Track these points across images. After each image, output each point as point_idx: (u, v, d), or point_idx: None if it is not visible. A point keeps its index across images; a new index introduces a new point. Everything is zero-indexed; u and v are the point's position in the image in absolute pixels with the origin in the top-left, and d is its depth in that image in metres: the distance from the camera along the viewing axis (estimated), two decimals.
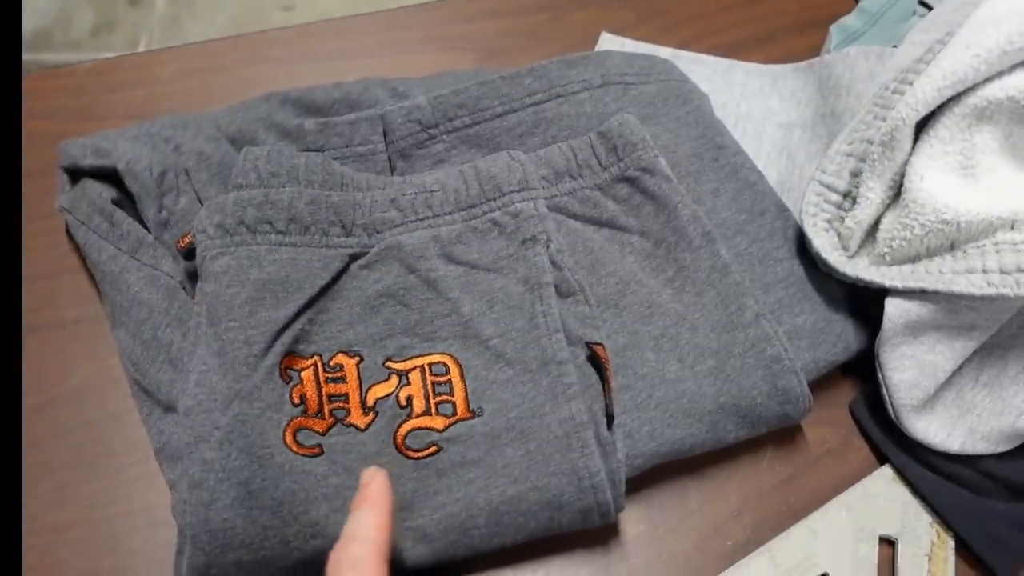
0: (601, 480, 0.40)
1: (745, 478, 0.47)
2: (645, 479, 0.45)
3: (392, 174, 0.50)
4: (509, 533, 0.41)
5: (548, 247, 0.45)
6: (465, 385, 0.43)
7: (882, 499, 0.46)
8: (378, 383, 0.42)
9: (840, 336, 0.47)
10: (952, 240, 0.44)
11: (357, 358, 0.43)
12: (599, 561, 0.44)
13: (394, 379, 0.43)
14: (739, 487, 0.46)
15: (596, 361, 0.43)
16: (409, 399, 0.42)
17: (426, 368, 0.43)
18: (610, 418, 0.42)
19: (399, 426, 0.42)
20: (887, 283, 0.45)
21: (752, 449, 0.47)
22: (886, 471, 0.47)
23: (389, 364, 0.43)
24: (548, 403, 0.42)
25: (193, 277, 0.45)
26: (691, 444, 0.44)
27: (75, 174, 0.49)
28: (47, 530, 0.42)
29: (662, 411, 0.44)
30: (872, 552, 0.44)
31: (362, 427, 0.42)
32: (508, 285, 0.44)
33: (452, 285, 0.44)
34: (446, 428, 0.42)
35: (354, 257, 0.44)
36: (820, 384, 0.48)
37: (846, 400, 0.49)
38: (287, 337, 0.42)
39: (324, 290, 0.43)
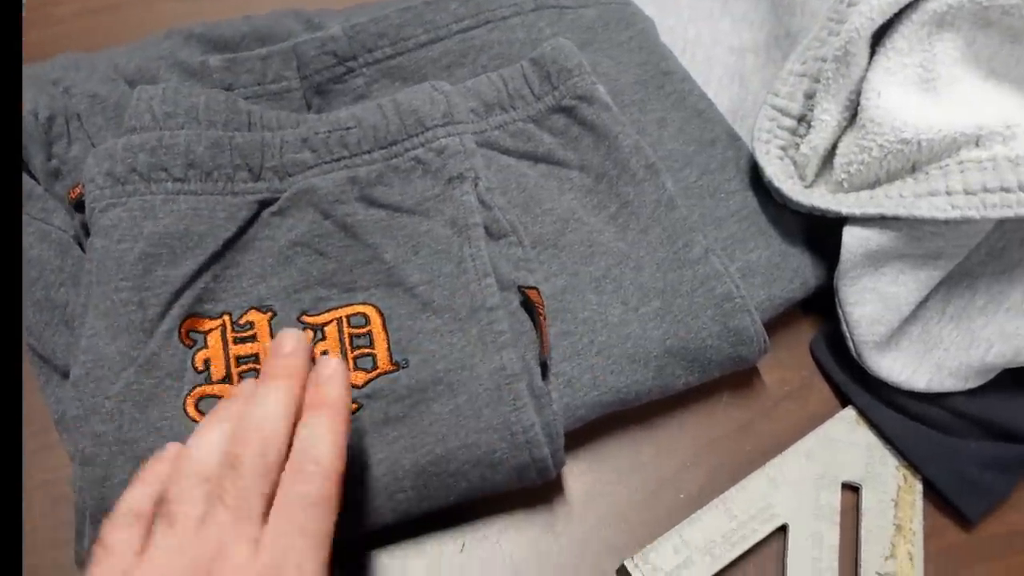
0: (536, 434, 0.37)
1: (699, 426, 0.44)
2: (590, 431, 0.42)
3: (309, 113, 0.46)
4: (439, 496, 0.38)
5: (476, 185, 0.41)
6: (387, 336, 0.39)
7: (845, 443, 0.43)
8: None
9: (797, 271, 0.44)
10: (913, 161, 0.40)
11: (269, 314, 0.39)
12: (542, 520, 0.41)
13: (308, 334, 0.39)
14: (692, 436, 0.43)
15: (530, 306, 0.40)
16: (324, 355, 0.38)
17: (343, 320, 0.39)
18: (544, 367, 0.39)
19: None
20: (844, 211, 0.41)
21: (706, 395, 0.44)
22: (848, 413, 0.44)
23: (304, 318, 0.39)
24: (478, 353, 0.38)
25: (88, 231, 0.41)
26: (637, 391, 0.41)
27: None
28: None
29: (604, 357, 0.40)
30: (835, 499, 0.41)
31: None
32: (434, 228, 0.41)
33: (372, 230, 0.41)
34: (366, 383, 0.38)
35: (264, 204, 0.40)
36: (777, 323, 0.45)
37: (806, 340, 0.46)
38: (187, 298, 0.38)
39: (230, 242, 0.40)
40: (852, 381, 0.44)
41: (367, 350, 0.39)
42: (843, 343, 0.43)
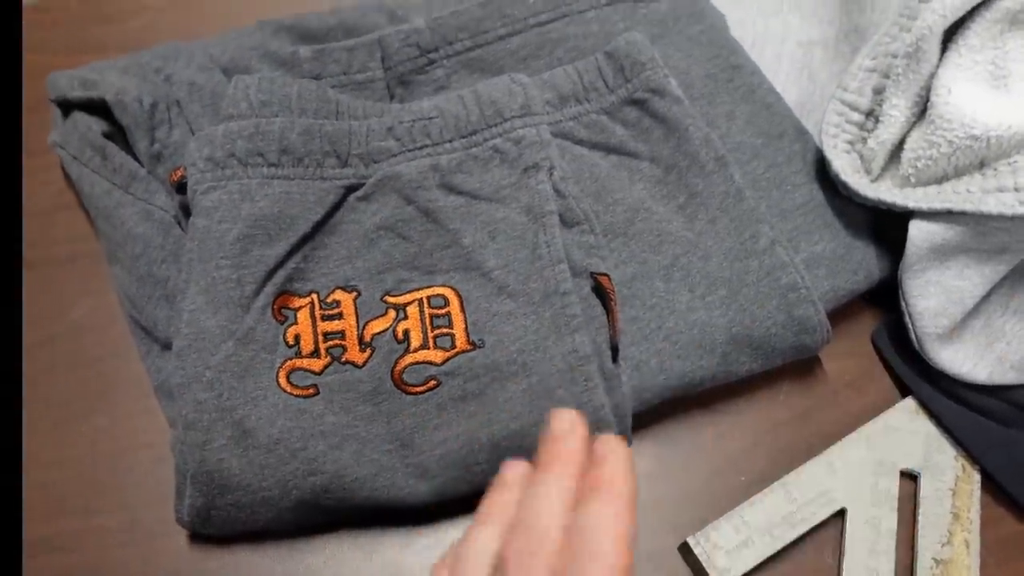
0: (606, 414, 0.39)
1: (760, 412, 0.45)
2: (655, 414, 0.44)
3: (392, 102, 0.48)
4: None
5: (552, 175, 0.43)
6: (465, 317, 0.41)
7: (904, 432, 0.44)
8: (375, 318, 0.41)
9: (861, 263, 0.45)
10: (981, 157, 0.41)
11: (355, 293, 0.42)
12: None
13: (391, 313, 0.41)
14: (754, 421, 0.45)
15: (601, 292, 0.41)
16: (406, 333, 0.41)
17: (424, 301, 0.41)
18: (615, 350, 0.41)
19: (397, 361, 0.40)
20: (911, 205, 0.42)
21: (768, 382, 0.45)
22: (908, 403, 0.45)
23: (387, 299, 0.42)
24: (551, 336, 0.40)
25: (187, 211, 0.43)
26: (702, 377, 0.42)
27: (67, 108, 0.47)
28: (49, 466, 0.42)
29: (671, 343, 0.42)
30: (892, 486, 0.42)
31: (359, 364, 0.40)
32: (510, 215, 0.43)
33: (452, 216, 0.43)
34: (445, 362, 0.40)
35: (350, 189, 0.43)
36: (840, 314, 0.46)
37: (867, 330, 0.47)
38: (280, 276, 0.40)
39: (319, 225, 0.42)
40: (913, 372, 0.45)
41: (446, 330, 0.41)
42: (905, 334, 0.44)
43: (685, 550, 0.41)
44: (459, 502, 0.40)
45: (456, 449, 0.39)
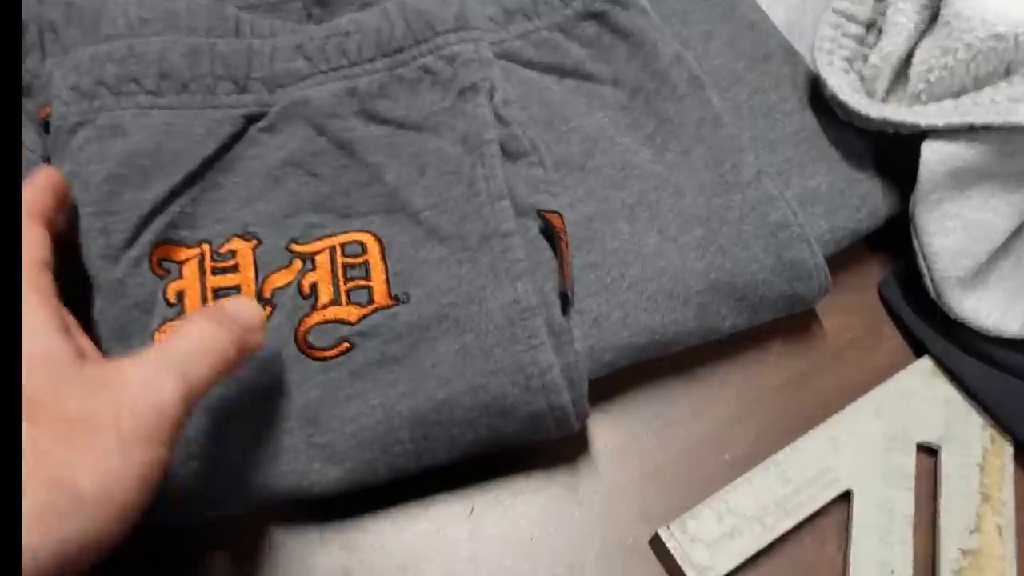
0: (554, 378, 0.32)
1: (747, 377, 0.38)
2: (620, 380, 0.37)
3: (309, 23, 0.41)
4: (441, 448, 0.33)
5: (492, 98, 0.36)
6: (386, 267, 0.34)
7: (920, 398, 0.37)
8: (278, 270, 0.34)
9: (864, 198, 0.38)
10: (1008, 62, 0.34)
11: (254, 241, 0.35)
12: (563, 482, 0.36)
13: (297, 264, 0.34)
14: (739, 389, 0.38)
15: (551, 233, 0.34)
16: (314, 287, 0.34)
17: (337, 248, 0.34)
18: (565, 299, 0.33)
19: (302, 320, 0.33)
20: (924, 123, 0.35)
21: (756, 341, 0.38)
22: (924, 364, 0.38)
23: (293, 247, 0.35)
24: (489, 285, 0.33)
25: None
26: (675, 333, 0.35)
27: None
28: None
29: (637, 292, 0.35)
30: (908, 463, 0.35)
31: None
32: (443, 146, 0.36)
33: (373, 148, 0.36)
34: (360, 320, 0.33)
35: (251, 119, 0.36)
36: (840, 260, 0.39)
37: (873, 279, 0.40)
38: (160, 223, 0.33)
39: (211, 161, 0.35)
40: (929, 326, 0.38)
41: (363, 282, 0.34)
42: (918, 281, 0.37)
43: (657, 544, 0.34)
44: (378, 492, 0.33)
45: (372, 425, 0.32)
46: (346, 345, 0.33)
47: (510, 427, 0.33)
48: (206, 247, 0.34)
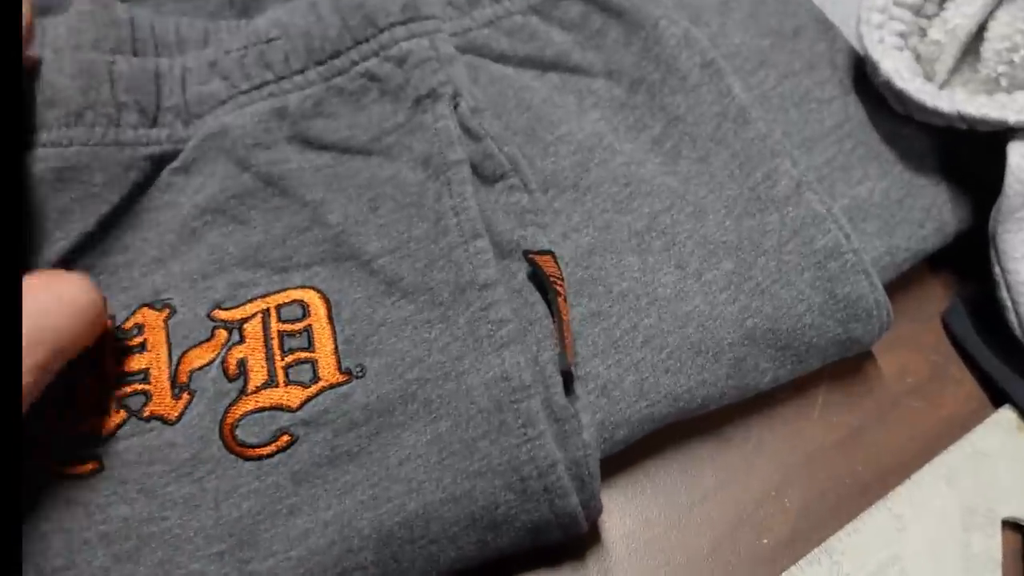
0: (559, 478, 0.25)
1: (787, 437, 0.31)
2: (631, 450, 0.29)
3: (227, 18, 0.33)
4: (416, 570, 0.26)
5: (457, 106, 0.29)
6: (334, 332, 0.27)
7: (1003, 460, 0.30)
8: (197, 346, 0.27)
9: (928, 211, 0.31)
10: None
11: (166, 311, 0.27)
12: None
13: (221, 335, 0.27)
14: (777, 453, 0.31)
15: (542, 280, 0.27)
16: (242, 365, 0.26)
17: (271, 312, 0.27)
18: (568, 374, 0.26)
19: (228, 409, 0.26)
20: (1012, 118, 0.27)
21: (797, 390, 0.31)
22: (1005, 416, 0.31)
23: (216, 314, 0.27)
24: (468, 355, 0.26)
25: None
26: (704, 397, 0.28)
27: None
28: None
29: (655, 349, 0.28)
30: (993, 545, 0.28)
31: (172, 418, 0.26)
32: (399, 172, 0.28)
33: (312, 182, 0.28)
34: (303, 404, 0.26)
35: (162, 160, 0.28)
36: (896, 287, 0.31)
37: (936, 306, 0.33)
38: None
39: (112, 217, 0.27)
40: (1011, 368, 0.30)
41: (305, 354, 0.26)
42: (996, 313, 0.30)
43: None
44: None
45: (324, 547, 0.25)
46: (286, 438, 0.26)
47: (503, 540, 0.26)
48: (108, 323, 0.27)
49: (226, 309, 0.27)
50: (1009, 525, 0.29)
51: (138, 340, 0.27)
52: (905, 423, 0.31)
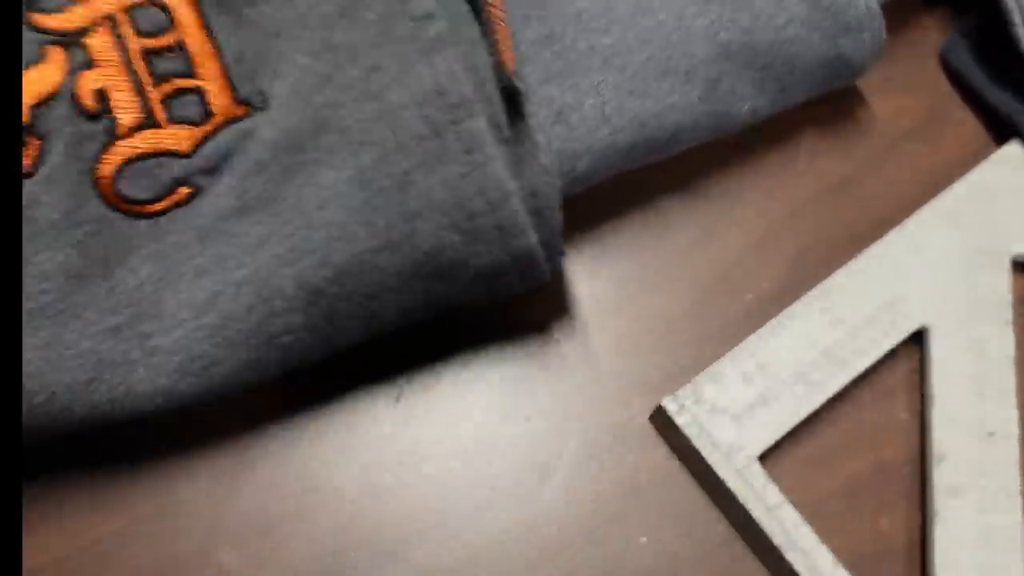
0: (514, 212, 0.21)
1: (770, 190, 0.28)
2: (599, 203, 0.26)
3: None
4: (354, 329, 0.22)
5: None
6: (218, 47, 0.22)
7: (1010, 196, 0.27)
8: (26, 69, 0.21)
9: None
10: None
11: None
12: (528, 348, 0.25)
13: (56, 55, 0.21)
14: (759, 206, 0.27)
15: None
16: (101, 97, 0.21)
17: (119, 20, 0.21)
18: (513, 90, 0.22)
19: (99, 158, 0.21)
20: None
21: (778, 138, 0.28)
22: (1013, 150, 0.27)
23: (37, 19, 0.21)
24: (387, 64, 0.21)
25: None
26: (675, 124, 0.24)
27: None
28: None
29: (616, 69, 0.24)
30: (1002, 285, 0.26)
31: (27, 170, 0.21)
32: None
33: None
34: (197, 148, 0.21)
35: None
36: (889, 28, 0.27)
37: (932, 45, 0.29)
38: None
39: None
40: (1017, 98, 0.27)
41: (187, 81, 0.22)
42: (999, 36, 0.26)
43: (662, 419, 0.24)
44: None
45: (241, 313, 0.21)
46: (185, 190, 0.21)
47: (453, 290, 0.22)
48: None
49: (47, 12, 0.21)
50: (1019, 265, 0.26)
51: None
52: (902, 168, 0.28)
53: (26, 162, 0.20)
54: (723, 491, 0.24)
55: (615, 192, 0.26)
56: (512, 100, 0.22)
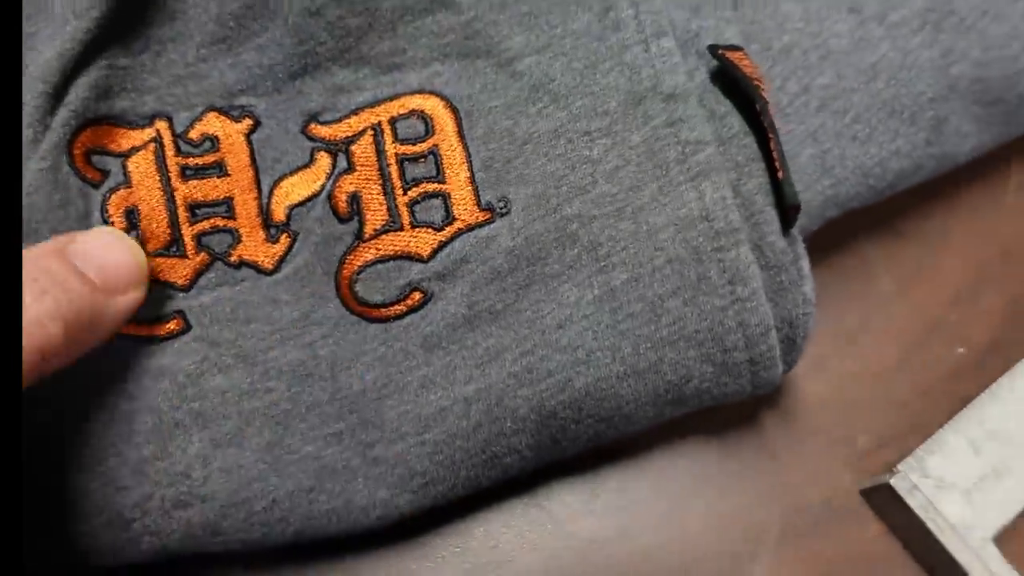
0: (770, 348, 0.20)
1: (976, 230, 0.25)
2: None
3: None
4: (573, 447, 0.21)
5: None
6: (467, 154, 0.20)
7: None
8: (293, 172, 0.20)
9: None
10: None
11: (248, 122, 0.20)
12: (720, 422, 0.23)
13: (323, 160, 0.20)
14: (966, 247, 0.25)
15: (735, 83, 0.20)
16: (354, 201, 0.20)
17: (383, 129, 0.20)
18: (787, 205, 0.20)
19: (343, 258, 0.20)
20: None
21: (980, 173, 0.25)
22: None
23: (314, 129, 0.20)
24: (648, 184, 0.20)
25: None
26: (897, 172, 0.22)
27: None
28: None
29: (835, 113, 0.22)
30: None
31: (268, 267, 0.20)
32: None
33: None
34: (436, 252, 0.20)
35: None
36: None
37: None
38: (83, 87, 0.19)
39: None
40: None
41: (434, 186, 0.20)
42: None
43: (881, 496, 0.22)
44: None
45: (468, 430, 0.20)
46: (418, 296, 0.20)
47: (685, 409, 0.21)
48: (163, 127, 0.20)
49: (325, 123, 0.20)
50: None
51: (212, 158, 0.20)
52: None
53: (269, 260, 0.20)
54: (954, 573, 0.22)
55: (812, 236, 0.24)
56: (785, 219, 0.20)
